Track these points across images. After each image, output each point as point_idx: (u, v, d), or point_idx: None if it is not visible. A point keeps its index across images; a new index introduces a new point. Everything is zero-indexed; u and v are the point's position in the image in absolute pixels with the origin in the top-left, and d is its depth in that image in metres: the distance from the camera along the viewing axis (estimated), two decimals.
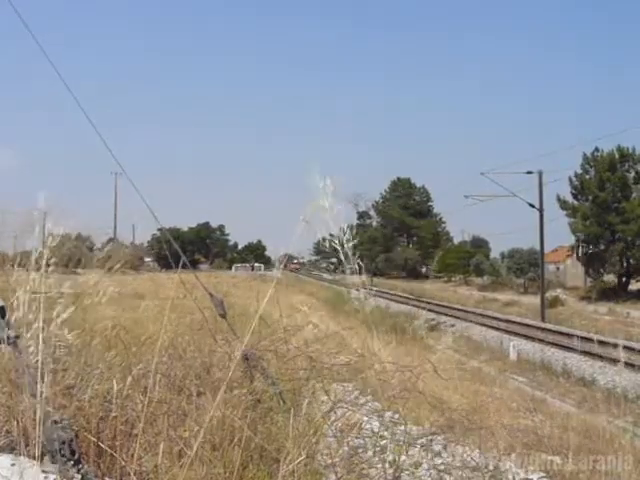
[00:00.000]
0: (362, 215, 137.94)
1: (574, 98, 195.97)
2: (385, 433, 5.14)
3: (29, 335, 3.78)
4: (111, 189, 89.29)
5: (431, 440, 5.31)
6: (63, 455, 3.68)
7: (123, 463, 4.05)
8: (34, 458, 3.78)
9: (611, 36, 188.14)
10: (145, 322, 5.94)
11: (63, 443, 3.69)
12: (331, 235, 4.16)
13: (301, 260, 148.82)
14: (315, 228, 4.06)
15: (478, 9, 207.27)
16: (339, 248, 4.13)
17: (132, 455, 4.12)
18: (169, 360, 5.32)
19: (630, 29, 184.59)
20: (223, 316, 5.39)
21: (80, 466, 3.75)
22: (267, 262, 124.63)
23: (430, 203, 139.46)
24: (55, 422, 3.74)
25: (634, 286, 64.24)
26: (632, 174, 64.15)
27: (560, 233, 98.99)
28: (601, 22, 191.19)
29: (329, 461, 4.63)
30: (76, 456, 3.73)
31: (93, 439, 4.26)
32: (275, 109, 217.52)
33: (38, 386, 3.70)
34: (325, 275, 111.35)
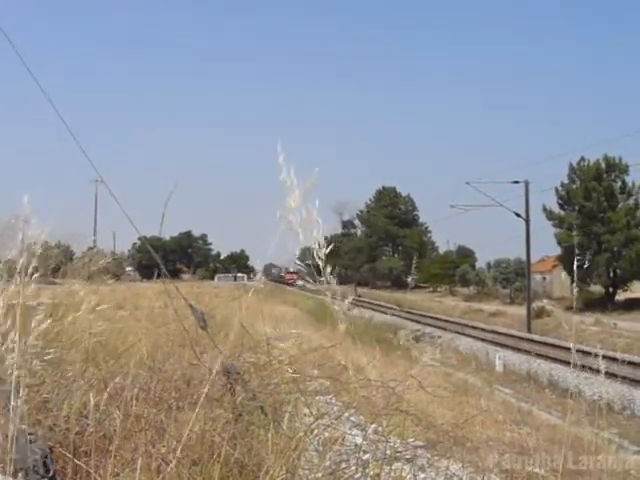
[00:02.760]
0: (346, 224, 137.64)
1: (561, 108, 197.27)
2: (368, 447, 5.07)
3: (4, 347, 3.70)
4: (92, 197, 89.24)
5: (415, 454, 5.24)
6: (37, 472, 3.59)
7: (99, 479, 3.97)
8: (7, 475, 3.69)
9: (603, 42, 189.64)
10: (124, 333, 5.85)
11: (37, 460, 3.60)
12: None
13: (295, 269, 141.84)
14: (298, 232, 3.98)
15: (469, 20, 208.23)
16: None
17: (109, 472, 4.03)
18: (148, 373, 5.24)
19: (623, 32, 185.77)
20: (204, 328, 5.31)
21: None
22: (251, 272, 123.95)
23: (415, 212, 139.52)
24: (29, 438, 3.65)
25: (621, 296, 64.33)
26: (618, 184, 64.29)
27: (547, 243, 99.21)
28: (591, 25, 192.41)
29: (311, 476, 4.55)
30: (51, 473, 3.64)
31: (69, 455, 4.17)
32: (257, 114, 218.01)
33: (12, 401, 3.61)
34: (309, 285, 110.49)
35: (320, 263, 4.06)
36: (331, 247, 4.01)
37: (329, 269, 4.08)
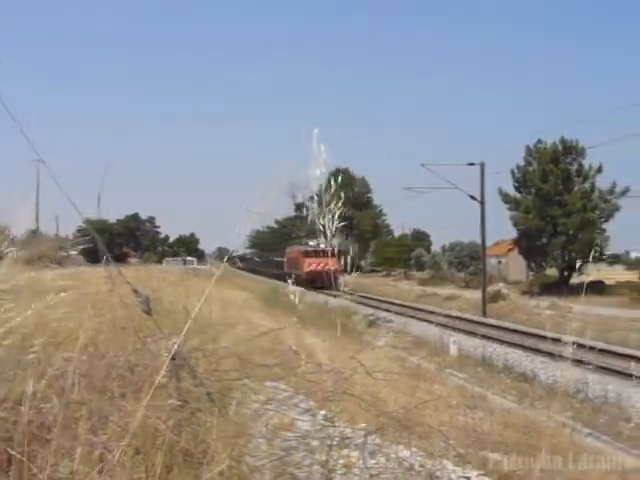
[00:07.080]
0: (299, 207, 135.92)
1: (520, 89, 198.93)
2: (317, 433, 4.97)
3: None
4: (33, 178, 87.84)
5: (365, 440, 5.14)
6: None
7: (35, 470, 3.81)
8: None
9: (562, 25, 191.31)
10: (64, 319, 5.67)
11: None
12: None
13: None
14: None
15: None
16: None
17: (46, 461, 3.87)
18: (89, 359, 5.07)
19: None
20: (148, 313, 5.15)
21: None
22: (200, 256, 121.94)
23: (370, 194, 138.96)
24: None
25: (576, 280, 64.62)
26: (575, 167, 64.52)
27: (502, 226, 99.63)
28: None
29: (257, 463, 4.44)
30: None
31: (2, 446, 4.01)
32: (210, 100, 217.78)
33: None
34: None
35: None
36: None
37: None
